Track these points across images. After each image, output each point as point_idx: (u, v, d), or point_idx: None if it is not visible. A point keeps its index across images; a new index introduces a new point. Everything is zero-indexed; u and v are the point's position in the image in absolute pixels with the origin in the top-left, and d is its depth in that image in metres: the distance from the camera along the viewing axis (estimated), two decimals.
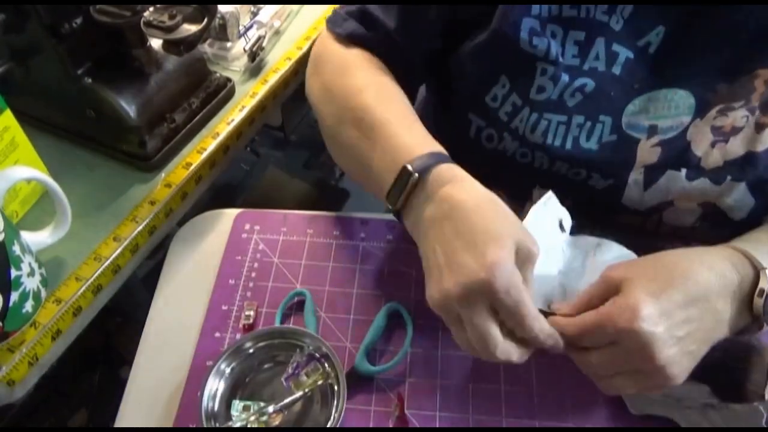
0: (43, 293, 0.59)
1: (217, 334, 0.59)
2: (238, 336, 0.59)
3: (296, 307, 0.61)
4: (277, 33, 0.89)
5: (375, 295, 0.61)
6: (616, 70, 0.55)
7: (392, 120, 0.54)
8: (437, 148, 0.52)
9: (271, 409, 0.51)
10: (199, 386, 0.52)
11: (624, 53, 0.55)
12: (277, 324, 0.58)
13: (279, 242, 0.66)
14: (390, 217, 0.67)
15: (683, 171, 0.56)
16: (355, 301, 0.60)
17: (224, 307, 0.61)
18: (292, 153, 1.56)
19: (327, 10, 0.94)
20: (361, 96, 0.57)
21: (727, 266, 0.47)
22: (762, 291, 0.47)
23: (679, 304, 0.45)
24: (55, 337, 0.60)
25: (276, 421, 0.51)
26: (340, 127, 0.59)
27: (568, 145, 0.57)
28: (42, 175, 0.60)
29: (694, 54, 0.54)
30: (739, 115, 0.54)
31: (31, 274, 0.56)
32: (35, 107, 0.73)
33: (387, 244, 0.65)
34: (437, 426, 0.53)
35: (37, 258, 0.59)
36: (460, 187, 0.48)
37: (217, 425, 0.51)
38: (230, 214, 0.69)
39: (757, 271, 0.48)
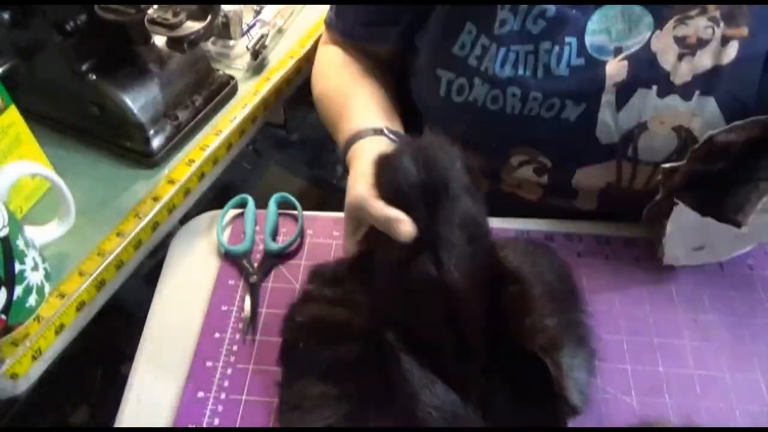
0: (47, 287, 0.59)
1: (217, 335, 0.59)
2: (237, 336, 0.59)
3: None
4: (280, 31, 0.89)
5: None
6: None
7: (352, 103, 0.68)
8: (373, 124, 0.64)
9: None
10: (200, 386, 0.52)
11: None
12: None
13: (279, 242, 0.66)
14: None
15: (654, 88, 0.58)
16: None
17: (224, 308, 0.61)
18: (294, 152, 1.56)
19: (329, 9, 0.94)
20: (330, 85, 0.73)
21: None
22: None
23: None
24: (59, 331, 0.60)
25: None
26: (320, 104, 0.74)
27: (540, 73, 0.59)
28: (46, 170, 0.61)
29: None
30: (701, 25, 0.56)
31: (35, 268, 0.57)
32: (40, 103, 0.74)
33: None
34: None
35: (41, 253, 0.60)
36: (357, 162, 0.60)
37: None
38: (231, 213, 0.70)
39: None
